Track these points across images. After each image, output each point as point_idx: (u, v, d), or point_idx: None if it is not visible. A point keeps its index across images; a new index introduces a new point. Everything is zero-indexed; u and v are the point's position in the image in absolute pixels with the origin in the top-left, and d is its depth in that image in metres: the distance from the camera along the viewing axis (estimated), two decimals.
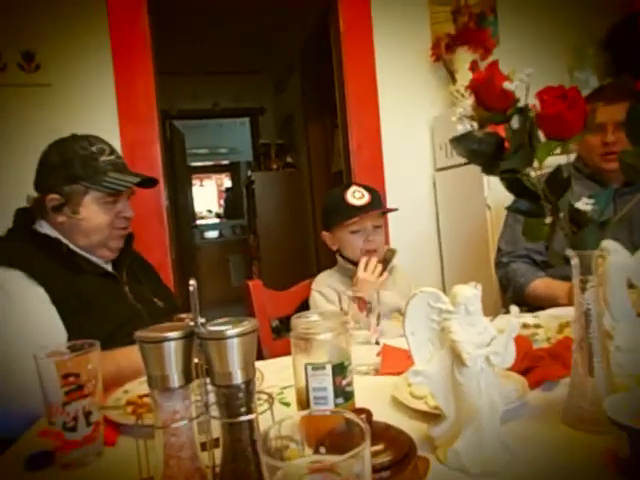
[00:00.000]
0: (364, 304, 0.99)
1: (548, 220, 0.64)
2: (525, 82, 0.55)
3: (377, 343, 0.97)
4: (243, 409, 0.53)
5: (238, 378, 0.52)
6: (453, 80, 2.21)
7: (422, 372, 0.59)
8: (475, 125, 0.61)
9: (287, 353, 0.76)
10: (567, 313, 1.19)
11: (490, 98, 0.56)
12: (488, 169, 0.60)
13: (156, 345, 0.52)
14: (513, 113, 0.56)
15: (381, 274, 1.30)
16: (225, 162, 7.31)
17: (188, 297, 0.57)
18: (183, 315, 0.86)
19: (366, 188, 1.38)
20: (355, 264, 1.36)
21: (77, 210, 1.12)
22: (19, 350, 0.91)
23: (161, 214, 2.16)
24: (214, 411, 0.55)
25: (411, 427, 0.72)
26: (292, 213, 4.40)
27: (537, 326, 1.13)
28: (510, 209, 0.64)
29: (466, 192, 2.09)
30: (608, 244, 0.83)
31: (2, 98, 1.91)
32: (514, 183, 0.62)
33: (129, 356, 0.94)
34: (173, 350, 0.52)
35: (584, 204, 0.62)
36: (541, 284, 1.47)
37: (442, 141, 2.24)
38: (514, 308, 0.91)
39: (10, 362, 0.90)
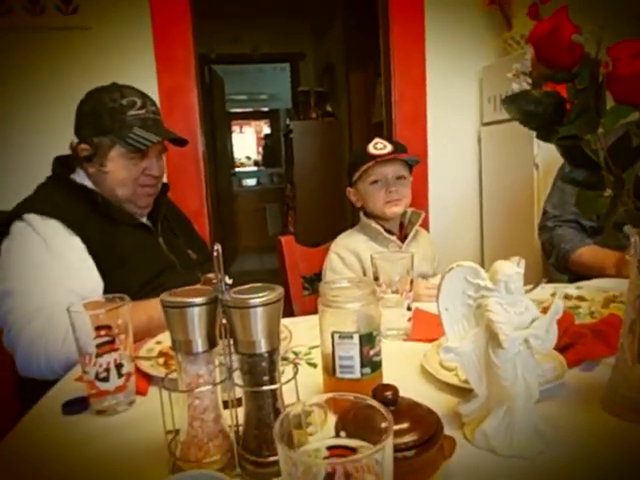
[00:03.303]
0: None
1: (607, 193, 0.57)
2: (596, 35, 0.48)
3: (409, 309, 0.94)
4: (266, 378, 0.52)
5: (262, 347, 0.51)
6: (509, 26, 2.03)
7: (454, 349, 0.56)
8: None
9: (317, 311, 0.74)
10: (614, 286, 1.12)
11: (554, 53, 0.49)
12: (544, 134, 0.54)
13: (180, 310, 0.51)
14: (580, 71, 0.49)
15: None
16: (265, 109, 7.19)
17: (222, 244, 0.55)
18: (211, 275, 0.85)
19: (392, 141, 1.32)
20: (379, 221, 1.31)
21: (104, 163, 1.11)
22: (58, 298, 0.93)
23: (198, 162, 2.15)
24: (237, 377, 0.54)
25: (439, 399, 0.70)
26: (330, 164, 4.32)
27: (581, 298, 1.07)
28: (565, 180, 0.58)
29: (513, 149, 1.97)
30: None
31: (42, 42, 1.90)
32: (572, 151, 0.55)
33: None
34: (197, 316, 0.51)
35: None
36: (587, 252, 1.39)
37: (491, 93, 2.09)
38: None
39: (49, 309, 0.93)
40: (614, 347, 0.79)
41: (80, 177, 1.14)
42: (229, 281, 0.84)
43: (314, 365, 0.84)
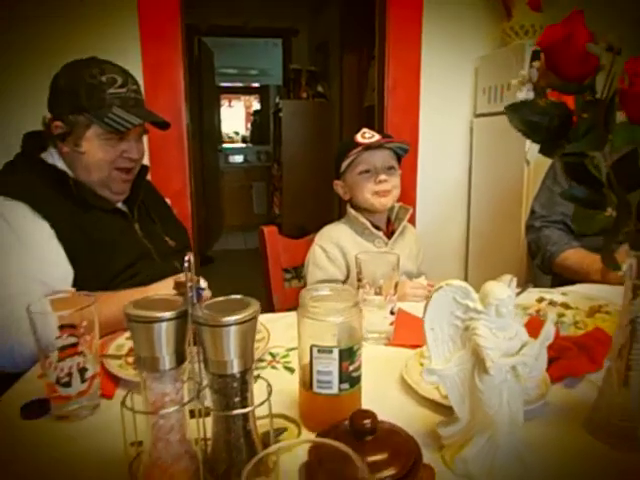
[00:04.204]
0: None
1: (608, 212, 0.54)
2: (614, 45, 0.44)
3: (392, 313, 0.91)
4: (237, 399, 0.49)
5: (234, 368, 0.47)
6: (508, 16, 1.97)
7: (437, 372, 0.53)
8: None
9: (298, 303, 0.70)
10: (600, 294, 1.11)
11: (567, 62, 0.45)
12: (548, 149, 0.50)
13: (146, 325, 0.47)
14: (592, 83, 0.45)
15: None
16: (255, 84, 7.02)
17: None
18: (184, 278, 0.80)
19: (380, 132, 1.28)
20: (366, 215, 1.27)
21: (79, 142, 1.04)
22: (22, 288, 0.88)
23: (182, 141, 2.07)
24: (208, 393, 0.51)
25: (418, 415, 0.68)
26: (319, 146, 4.24)
27: (565, 305, 1.06)
28: (564, 196, 0.54)
29: (505, 143, 1.94)
30: None
31: (18, 9, 1.78)
32: (576, 167, 0.52)
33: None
34: (164, 331, 0.47)
35: None
36: (573, 256, 1.37)
37: (486, 84, 2.05)
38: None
39: (12, 300, 0.87)
40: (598, 363, 0.78)
41: (52, 157, 1.07)
42: (204, 284, 0.80)
43: (291, 370, 0.81)
